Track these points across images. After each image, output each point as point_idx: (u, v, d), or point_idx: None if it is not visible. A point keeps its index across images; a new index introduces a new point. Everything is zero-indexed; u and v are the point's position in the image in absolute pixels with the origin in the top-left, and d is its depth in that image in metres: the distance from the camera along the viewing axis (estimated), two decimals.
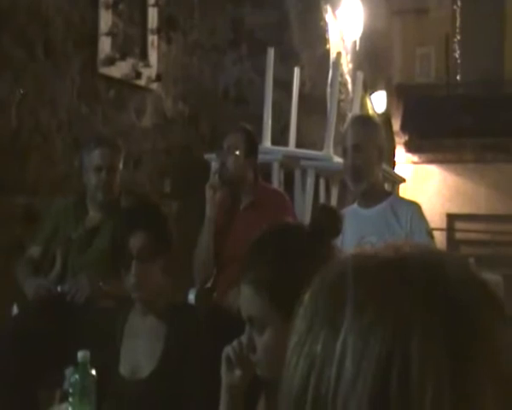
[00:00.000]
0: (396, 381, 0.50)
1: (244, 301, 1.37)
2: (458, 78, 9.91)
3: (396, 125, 9.10)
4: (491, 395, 0.51)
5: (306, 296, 0.58)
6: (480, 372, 0.51)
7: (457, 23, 9.82)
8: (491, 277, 6.08)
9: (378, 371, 0.50)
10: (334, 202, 5.15)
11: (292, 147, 5.11)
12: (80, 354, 1.84)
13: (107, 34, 4.25)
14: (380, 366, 0.51)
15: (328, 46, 6.13)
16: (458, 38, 9.79)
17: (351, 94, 6.36)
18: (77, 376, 1.83)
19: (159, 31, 4.73)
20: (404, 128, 9.23)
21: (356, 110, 5.78)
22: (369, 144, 2.71)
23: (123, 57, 4.38)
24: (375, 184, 2.78)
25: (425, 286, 0.53)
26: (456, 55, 9.79)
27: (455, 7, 9.85)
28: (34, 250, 2.95)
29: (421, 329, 0.51)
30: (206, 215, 3.09)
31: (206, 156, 4.61)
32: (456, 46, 9.77)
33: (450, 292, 0.53)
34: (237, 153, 3.10)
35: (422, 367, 0.50)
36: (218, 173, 3.15)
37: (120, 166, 2.97)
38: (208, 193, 3.08)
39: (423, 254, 0.57)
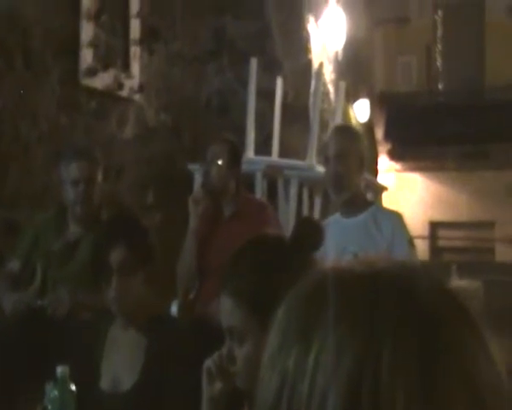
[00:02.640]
0: (367, 395, 0.50)
1: (224, 313, 1.37)
2: (440, 86, 9.99)
3: (379, 133, 9.15)
4: (463, 406, 0.51)
5: (279, 311, 0.58)
6: (451, 385, 0.51)
7: (438, 32, 9.92)
8: (471, 283, 6.12)
9: (349, 386, 0.51)
10: (317, 211, 5.16)
11: (275, 157, 5.12)
12: (59, 370, 1.82)
13: (89, 45, 4.23)
14: (351, 381, 0.51)
15: (310, 56, 6.16)
16: (439, 46, 9.88)
17: (333, 103, 6.38)
18: (56, 392, 1.81)
19: (141, 42, 4.73)
20: (386, 136, 9.29)
21: (338, 120, 5.80)
22: (351, 154, 2.73)
23: (105, 68, 4.37)
24: (356, 193, 2.79)
25: (396, 301, 0.54)
26: (438, 64, 9.88)
27: (436, 16, 9.94)
28: (13, 264, 2.92)
29: (392, 343, 0.51)
30: (189, 227, 3.09)
31: (189, 167, 4.60)
32: (438, 55, 9.86)
33: (422, 306, 0.54)
34: (220, 163, 3.10)
35: (393, 382, 0.50)
36: (202, 183, 3.14)
37: (99, 178, 2.95)
38: (191, 206, 3.08)
39: (396, 268, 0.58)
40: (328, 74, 6.58)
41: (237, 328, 1.35)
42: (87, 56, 4.24)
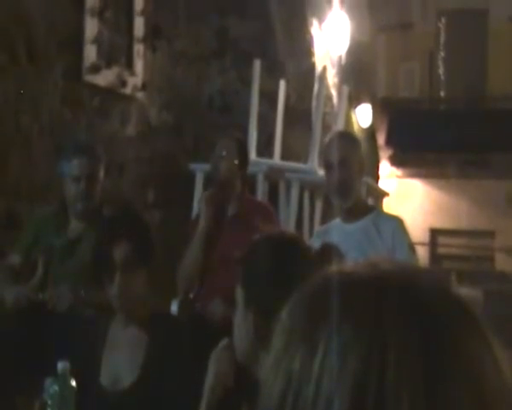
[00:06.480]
0: (372, 398, 0.50)
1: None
2: (442, 93, 10.00)
3: (380, 139, 9.16)
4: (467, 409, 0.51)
5: (284, 313, 0.58)
6: (455, 388, 0.51)
7: (441, 39, 9.93)
8: (470, 292, 6.12)
9: (355, 389, 0.50)
10: (318, 214, 5.15)
11: (276, 159, 5.11)
12: (60, 365, 1.81)
13: (93, 42, 4.23)
14: (356, 384, 0.51)
15: (313, 59, 6.15)
16: (442, 53, 9.89)
17: (336, 107, 6.38)
18: (56, 387, 1.79)
19: (144, 39, 4.73)
20: (388, 142, 9.29)
21: (341, 124, 5.80)
22: (353, 159, 2.73)
23: (108, 65, 4.36)
24: (357, 198, 2.79)
25: (400, 303, 0.54)
26: (440, 71, 9.89)
27: (439, 23, 9.96)
28: (14, 258, 2.91)
29: (397, 346, 0.51)
30: (199, 228, 3.03)
31: (191, 166, 4.59)
32: (440, 62, 9.87)
33: (426, 309, 0.54)
34: (229, 157, 3.07)
35: (398, 385, 0.50)
36: (210, 176, 3.11)
37: (100, 174, 2.93)
38: (203, 205, 3.04)
39: (400, 271, 0.58)
40: (331, 78, 6.58)
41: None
42: (90, 53, 4.23)
